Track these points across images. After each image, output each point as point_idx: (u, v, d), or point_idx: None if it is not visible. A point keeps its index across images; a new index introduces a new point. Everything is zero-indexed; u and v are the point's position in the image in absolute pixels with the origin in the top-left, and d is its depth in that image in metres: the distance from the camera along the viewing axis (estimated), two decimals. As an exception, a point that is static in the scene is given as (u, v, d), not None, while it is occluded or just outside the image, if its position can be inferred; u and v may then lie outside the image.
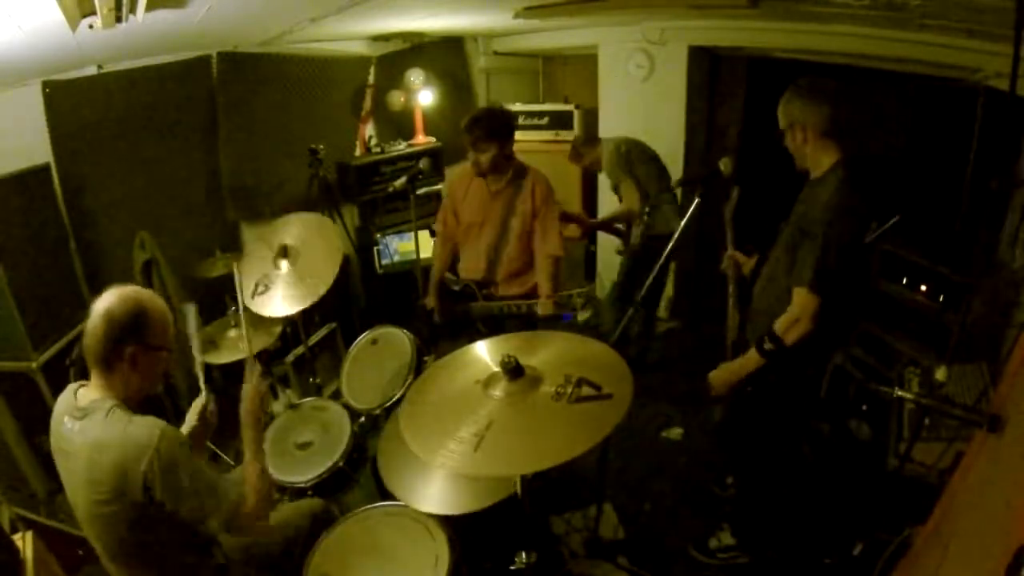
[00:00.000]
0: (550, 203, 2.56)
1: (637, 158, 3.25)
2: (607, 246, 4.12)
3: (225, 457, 2.69)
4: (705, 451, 2.91)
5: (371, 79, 4.20)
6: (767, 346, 1.90)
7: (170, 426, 1.37)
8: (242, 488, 1.45)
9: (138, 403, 1.46)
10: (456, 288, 2.72)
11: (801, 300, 1.82)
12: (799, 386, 2.11)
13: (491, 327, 2.64)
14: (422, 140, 4.38)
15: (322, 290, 2.35)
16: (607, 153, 3.31)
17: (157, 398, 2.71)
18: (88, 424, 1.36)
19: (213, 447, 2.52)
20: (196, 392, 1.75)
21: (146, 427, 1.34)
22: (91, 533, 1.41)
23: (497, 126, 2.45)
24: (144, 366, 1.42)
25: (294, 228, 2.54)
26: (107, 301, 1.40)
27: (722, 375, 2.05)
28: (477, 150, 2.45)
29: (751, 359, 1.96)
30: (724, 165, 2.20)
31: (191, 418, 1.76)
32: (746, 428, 2.23)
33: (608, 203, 3.98)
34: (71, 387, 1.47)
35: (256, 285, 2.41)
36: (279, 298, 2.37)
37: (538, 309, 2.46)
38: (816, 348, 1.94)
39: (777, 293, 1.94)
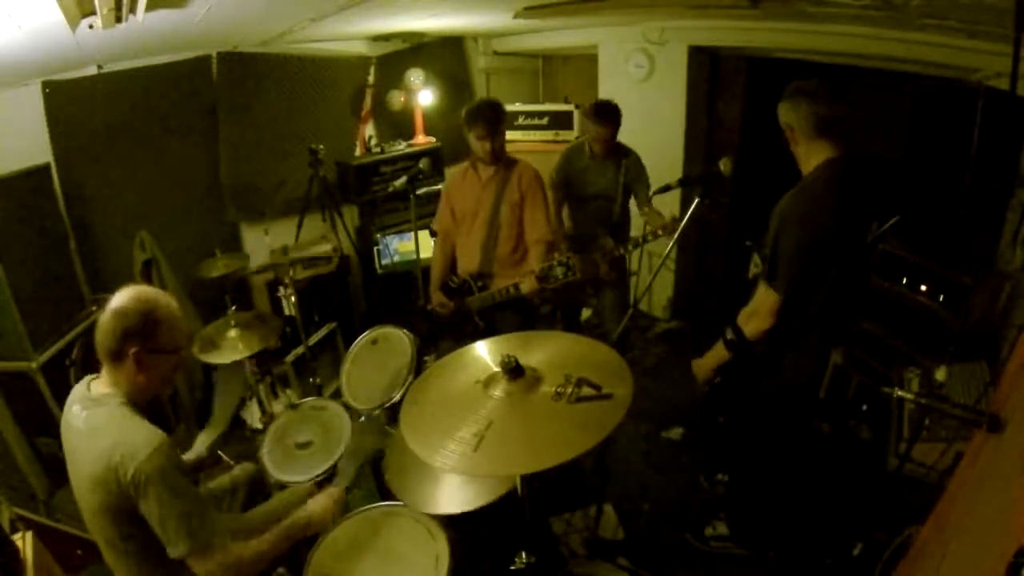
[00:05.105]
0: (536, 191, 2.63)
1: None
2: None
3: (225, 457, 2.68)
4: (704, 450, 2.91)
5: (371, 79, 4.20)
6: (728, 335, 1.92)
7: (170, 443, 1.37)
8: (228, 539, 1.40)
9: (147, 404, 1.47)
10: (454, 285, 2.79)
11: (759, 293, 1.85)
12: (774, 385, 2.07)
13: (488, 319, 2.69)
14: (422, 140, 4.37)
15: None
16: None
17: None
18: (94, 413, 1.39)
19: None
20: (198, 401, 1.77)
21: (147, 434, 1.35)
22: (90, 525, 1.42)
23: (502, 113, 2.58)
24: (149, 367, 1.43)
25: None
26: (121, 299, 1.41)
27: (701, 363, 2.08)
28: (494, 134, 2.53)
29: (718, 349, 1.98)
30: (724, 165, 2.19)
31: (221, 457, 1.90)
32: (731, 423, 2.23)
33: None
34: (86, 378, 1.50)
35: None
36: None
37: (523, 287, 2.51)
38: (784, 350, 1.91)
39: None
